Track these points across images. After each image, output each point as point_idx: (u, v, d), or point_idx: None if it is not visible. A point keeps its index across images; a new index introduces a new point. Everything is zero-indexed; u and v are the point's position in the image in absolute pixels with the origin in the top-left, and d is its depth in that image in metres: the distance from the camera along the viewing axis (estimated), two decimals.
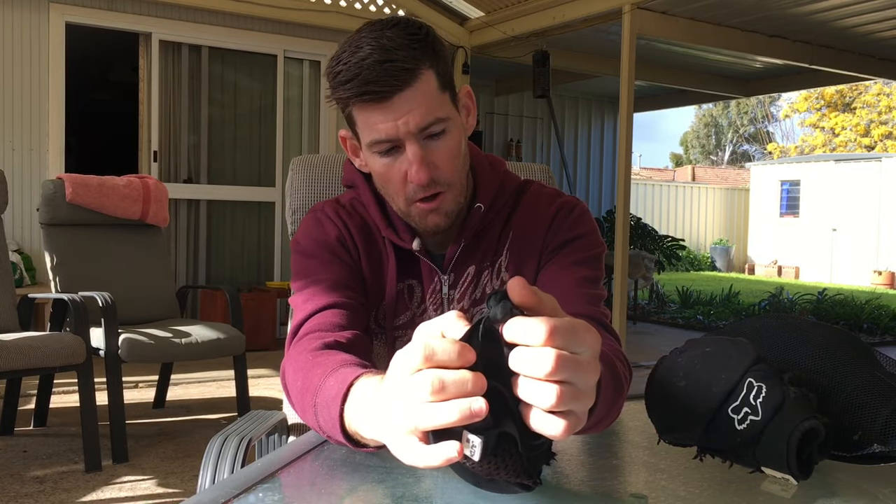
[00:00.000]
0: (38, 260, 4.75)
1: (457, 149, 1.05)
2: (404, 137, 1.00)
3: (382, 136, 1.00)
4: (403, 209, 1.07)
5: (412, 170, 1.01)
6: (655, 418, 0.84)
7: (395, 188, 1.05)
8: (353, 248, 1.13)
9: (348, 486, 0.76)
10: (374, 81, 0.96)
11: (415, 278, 1.15)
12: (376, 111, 0.98)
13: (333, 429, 0.77)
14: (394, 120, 0.98)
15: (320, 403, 0.80)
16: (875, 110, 22.51)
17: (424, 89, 0.99)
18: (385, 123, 0.98)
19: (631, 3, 5.32)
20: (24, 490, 2.75)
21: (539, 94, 6.65)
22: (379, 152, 1.02)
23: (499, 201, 1.14)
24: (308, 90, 6.40)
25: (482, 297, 1.14)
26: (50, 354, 2.85)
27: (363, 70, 0.96)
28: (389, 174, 1.04)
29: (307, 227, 1.14)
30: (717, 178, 22.18)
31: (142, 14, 5.55)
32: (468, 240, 1.12)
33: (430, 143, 1.02)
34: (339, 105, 1.04)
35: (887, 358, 0.85)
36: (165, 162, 5.83)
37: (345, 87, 0.98)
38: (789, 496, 0.72)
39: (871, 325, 7.61)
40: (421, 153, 1.01)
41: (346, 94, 0.98)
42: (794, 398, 0.75)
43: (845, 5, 5.58)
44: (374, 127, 0.99)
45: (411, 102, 0.98)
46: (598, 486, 0.73)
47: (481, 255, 1.14)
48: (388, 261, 1.13)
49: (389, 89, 0.96)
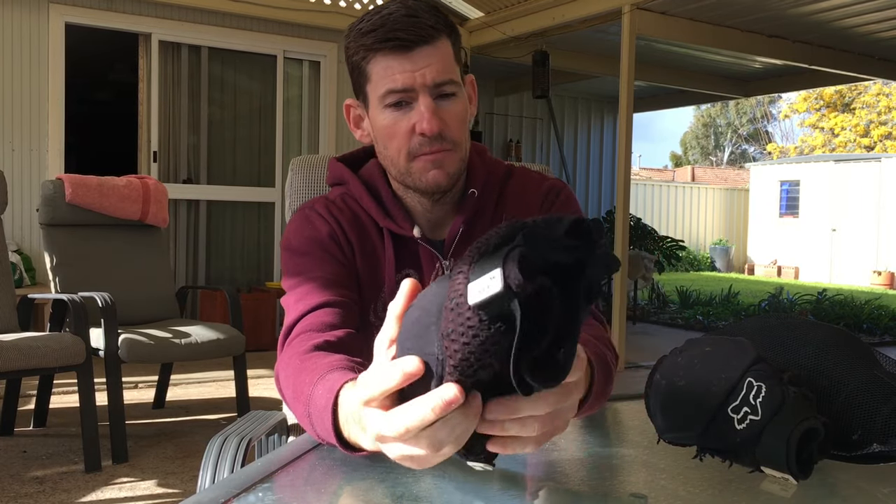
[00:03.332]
0: (38, 260, 4.75)
1: (464, 115, 1.09)
2: (419, 89, 1.04)
3: (399, 85, 1.03)
4: (404, 166, 1.09)
5: (423, 119, 1.04)
6: (655, 418, 0.84)
7: (398, 143, 1.07)
8: (346, 243, 1.13)
9: (348, 486, 0.76)
10: (400, 30, 1.02)
11: (412, 267, 1.15)
12: (396, 60, 1.03)
13: (331, 439, 0.77)
14: (412, 70, 1.02)
15: (314, 413, 0.80)
16: (874, 111, 22.51)
17: (443, 50, 1.05)
18: (403, 73, 1.03)
19: (631, 3, 5.32)
20: (23, 490, 2.74)
21: (539, 94, 6.65)
22: (390, 104, 1.05)
23: (489, 186, 1.17)
24: (308, 90, 6.40)
25: None
26: (49, 355, 2.85)
27: (388, 21, 1.02)
28: (396, 127, 1.06)
29: (297, 226, 1.14)
30: (717, 179, 22.19)
31: (141, 14, 5.55)
32: (466, 224, 1.14)
33: (441, 102, 1.06)
34: (356, 59, 1.07)
35: (887, 358, 0.85)
36: (165, 162, 5.83)
37: (369, 36, 1.03)
38: (789, 496, 0.72)
39: (871, 325, 7.61)
40: (433, 106, 1.04)
41: (369, 40, 1.03)
42: (793, 398, 0.75)
43: (845, 5, 5.58)
44: (391, 76, 1.03)
45: (430, 57, 1.03)
46: (598, 486, 0.73)
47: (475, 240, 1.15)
48: (384, 252, 1.14)
49: (413, 39, 1.02)
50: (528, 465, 0.79)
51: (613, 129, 9.90)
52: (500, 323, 0.54)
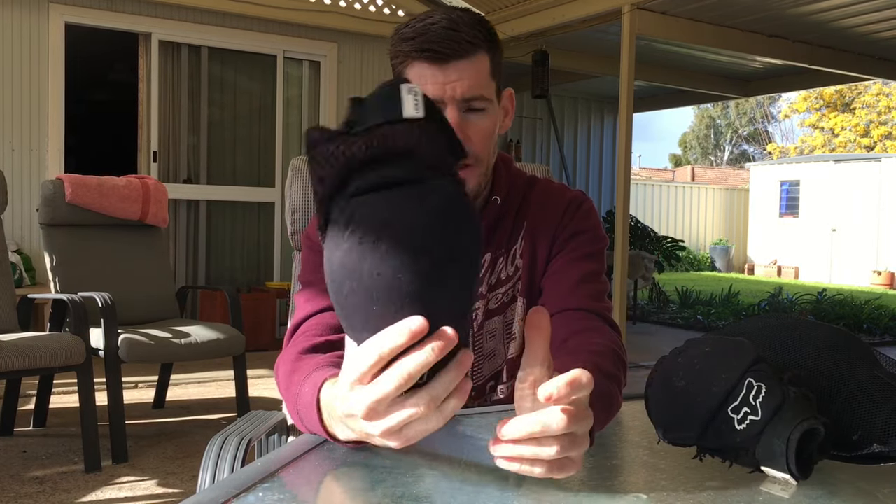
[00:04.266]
0: (38, 260, 4.75)
1: (491, 131, 1.10)
2: (448, 101, 1.05)
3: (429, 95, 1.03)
4: None
5: None
6: (655, 418, 0.84)
7: None
8: None
9: (348, 486, 0.76)
10: (437, 42, 1.04)
11: None
12: (430, 70, 1.05)
13: (321, 432, 0.80)
14: (443, 82, 1.05)
15: (302, 411, 0.83)
16: (874, 110, 22.51)
17: (478, 66, 1.07)
18: (434, 84, 1.05)
19: (630, 3, 5.31)
20: (23, 490, 2.74)
21: (538, 94, 6.65)
22: None
23: (512, 194, 1.19)
24: (308, 90, 6.40)
25: (498, 283, 1.19)
26: (49, 355, 2.85)
27: (429, 31, 1.04)
28: None
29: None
30: (717, 179, 22.19)
31: (141, 14, 5.55)
32: (488, 230, 1.16)
33: (468, 116, 1.08)
34: (395, 62, 1.09)
35: (887, 358, 0.85)
36: (165, 162, 5.83)
37: (408, 42, 1.05)
38: (789, 496, 0.72)
39: (871, 325, 7.61)
40: (458, 120, 1.06)
41: (407, 48, 1.05)
42: (793, 398, 0.75)
43: (845, 5, 5.58)
44: (423, 85, 1.05)
45: (463, 72, 1.05)
46: (598, 486, 0.73)
47: (497, 244, 1.18)
48: None
49: (449, 52, 1.04)
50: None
51: (613, 129, 9.90)
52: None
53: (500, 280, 1.19)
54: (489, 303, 1.19)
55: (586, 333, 1.02)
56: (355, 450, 0.82)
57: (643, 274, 7.60)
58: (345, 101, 6.37)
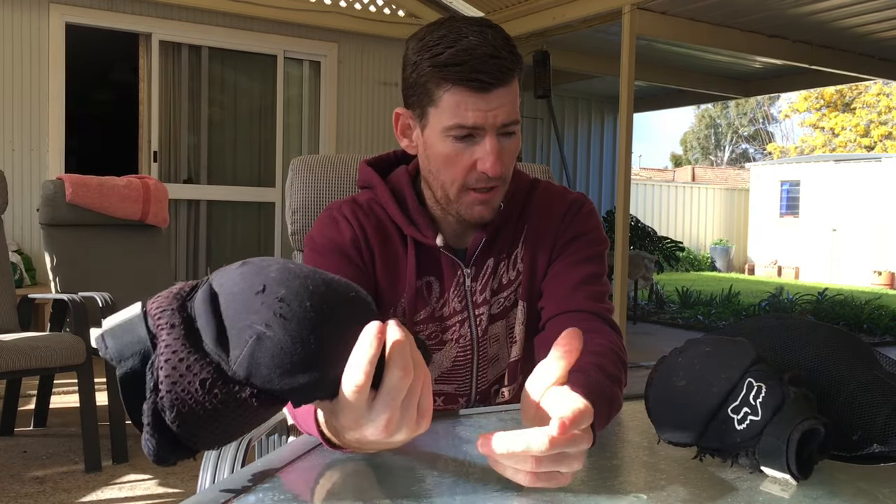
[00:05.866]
0: (38, 260, 4.75)
1: (517, 150, 1.11)
2: (489, 129, 1.05)
3: (469, 122, 1.04)
4: (454, 195, 1.10)
5: (488, 161, 1.05)
6: (655, 418, 0.84)
7: (455, 173, 1.08)
8: (367, 249, 1.15)
9: (348, 486, 0.76)
10: (483, 71, 1.02)
11: (433, 275, 1.17)
12: (473, 98, 1.03)
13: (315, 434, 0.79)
14: (485, 110, 1.04)
15: (299, 415, 0.82)
16: (875, 110, 22.51)
17: (515, 91, 1.07)
18: (476, 112, 1.04)
19: (631, 3, 5.31)
20: (23, 490, 2.75)
21: (539, 94, 6.65)
22: (455, 136, 1.06)
23: (514, 199, 1.20)
24: (308, 90, 6.40)
25: (500, 287, 1.19)
26: (50, 355, 2.85)
27: (473, 58, 1.02)
28: (457, 159, 1.07)
29: (323, 225, 1.16)
30: (717, 179, 22.18)
31: (142, 14, 5.55)
32: (490, 234, 1.16)
33: (503, 140, 1.08)
34: (425, 80, 1.06)
35: (887, 358, 0.85)
36: (165, 162, 5.83)
37: (451, 69, 1.02)
38: (789, 496, 0.72)
39: (871, 325, 7.61)
40: (498, 147, 1.06)
41: (450, 74, 1.02)
42: (793, 398, 0.75)
43: (845, 5, 5.58)
44: (463, 113, 1.04)
45: (503, 99, 1.05)
46: (598, 486, 0.73)
47: (498, 249, 1.19)
48: (406, 259, 1.16)
49: (494, 82, 1.03)
50: None
51: (613, 129, 9.90)
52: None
53: (503, 284, 1.19)
54: (492, 307, 1.19)
55: (588, 335, 1.03)
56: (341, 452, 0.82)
57: (643, 274, 7.60)
58: (345, 101, 6.38)
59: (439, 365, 1.19)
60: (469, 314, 1.17)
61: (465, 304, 1.17)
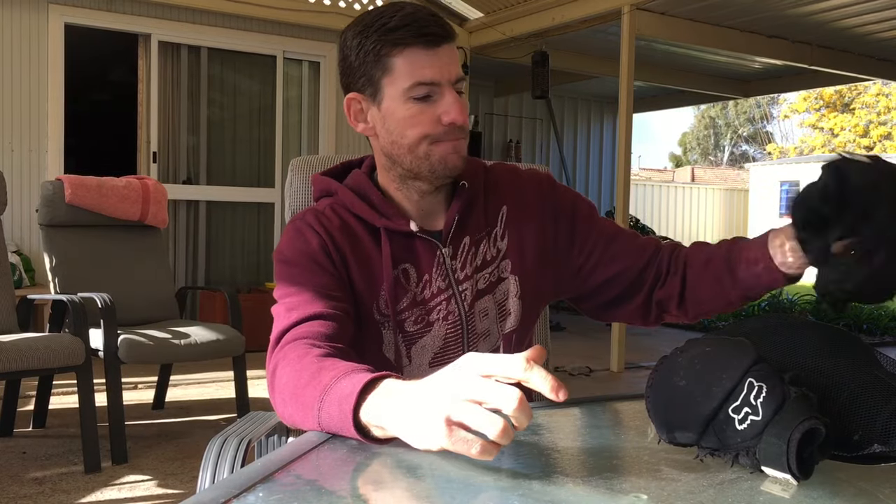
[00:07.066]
0: (38, 261, 4.75)
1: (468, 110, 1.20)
2: (445, 83, 1.12)
3: (427, 78, 1.11)
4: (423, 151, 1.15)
5: (453, 110, 1.12)
6: (655, 418, 0.84)
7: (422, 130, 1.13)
8: (336, 252, 1.16)
9: (348, 486, 0.76)
10: (429, 27, 1.11)
11: (408, 262, 1.19)
12: (425, 56, 1.11)
13: (343, 422, 0.82)
14: (439, 66, 1.11)
15: (329, 400, 0.85)
16: (874, 111, 22.54)
17: (456, 51, 1.16)
18: (431, 68, 1.11)
19: (630, 3, 5.32)
20: (23, 491, 2.74)
21: (538, 94, 6.65)
22: (414, 97, 1.12)
23: (475, 178, 1.25)
24: (308, 91, 6.40)
25: (483, 264, 1.23)
26: (49, 355, 2.85)
27: (418, 19, 1.10)
28: (422, 117, 1.13)
29: (289, 238, 1.18)
30: (717, 179, 22.20)
31: (141, 15, 5.55)
32: (461, 211, 1.21)
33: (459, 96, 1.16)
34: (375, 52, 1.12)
35: (887, 358, 0.85)
36: (164, 163, 5.83)
37: (400, 31, 1.10)
38: (789, 496, 0.72)
39: (871, 325, 7.61)
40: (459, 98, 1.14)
41: (399, 35, 1.10)
42: (794, 398, 0.75)
43: (845, 5, 5.58)
44: (419, 70, 1.10)
45: (451, 56, 1.13)
46: (598, 486, 0.73)
47: (473, 228, 1.23)
48: (379, 252, 1.18)
49: (443, 35, 1.12)
50: (527, 466, 0.79)
51: (613, 129, 9.91)
52: None
53: (486, 261, 1.22)
54: (477, 283, 1.22)
55: (694, 248, 1.22)
56: (356, 450, 0.82)
57: None
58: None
59: (432, 346, 1.20)
60: (454, 290, 1.20)
61: (449, 281, 1.19)
